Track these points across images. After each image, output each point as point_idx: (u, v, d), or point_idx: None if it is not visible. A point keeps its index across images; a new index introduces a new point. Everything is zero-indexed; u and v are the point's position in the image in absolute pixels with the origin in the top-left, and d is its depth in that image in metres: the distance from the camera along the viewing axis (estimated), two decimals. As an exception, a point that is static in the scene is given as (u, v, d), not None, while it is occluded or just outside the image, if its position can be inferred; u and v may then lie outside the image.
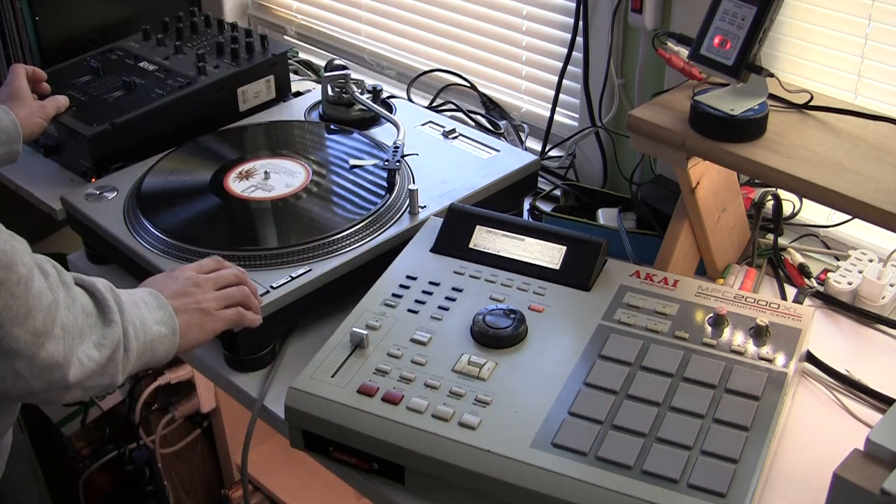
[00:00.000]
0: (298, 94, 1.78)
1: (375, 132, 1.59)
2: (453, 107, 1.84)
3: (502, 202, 1.45)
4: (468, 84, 1.86)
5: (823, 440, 1.14)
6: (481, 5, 1.80)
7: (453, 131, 1.57)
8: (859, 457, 0.93)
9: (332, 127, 1.60)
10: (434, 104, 1.87)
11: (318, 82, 1.91)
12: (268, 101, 1.75)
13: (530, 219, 1.54)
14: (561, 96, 1.68)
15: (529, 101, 1.80)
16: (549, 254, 1.25)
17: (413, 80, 1.91)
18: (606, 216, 1.51)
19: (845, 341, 1.30)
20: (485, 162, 1.49)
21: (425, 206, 1.37)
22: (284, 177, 1.45)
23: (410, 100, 1.84)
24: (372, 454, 1.07)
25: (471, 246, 1.28)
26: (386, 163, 1.44)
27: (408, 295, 1.21)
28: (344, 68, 1.69)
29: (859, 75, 1.36)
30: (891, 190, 1.11)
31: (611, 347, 1.13)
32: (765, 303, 1.19)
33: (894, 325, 1.31)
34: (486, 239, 1.28)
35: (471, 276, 1.24)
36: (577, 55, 1.63)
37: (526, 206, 1.56)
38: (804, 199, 1.45)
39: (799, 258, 1.42)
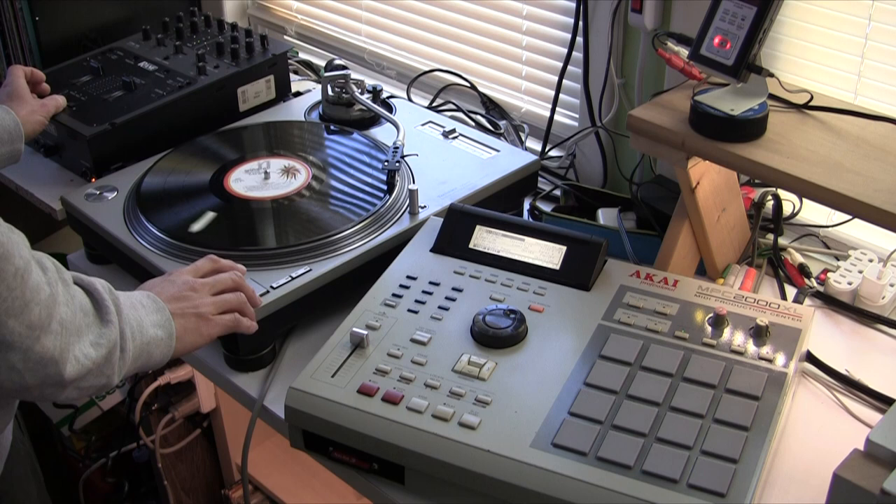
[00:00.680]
0: (298, 94, 1.78)
1: (375, 132, 1.59)
2: (453, 107, 1.84)
3: (502, 202, 1.45)
4: (468, 84, 1.86)
5: (823, 440, 1.14)
6: (481, 5, 1.80)
7: (453, 131, 1.57)
8: (859, 457, 0.93)
9: (332, 127, 1.60)
10: (434, 104, 1.86)
11: (318, 82, 1.91)
12: (268, 101, 1.75)
13: (530, 219, 1.54)
14: (561, 96, 1.68)
15: (529, 101, 1.80)
16: (549, 254, 1.25)
17: (413, 80, 1.91)
18: (606, 216, 1.51)
19: (845, 341, 1.30)
20: (485, 162, 1.49)
21: (425, 206, 1.37)
22: (284, 177, 1.45)
23: (410, 100, 1.84)
24: (372, 454, 1.07)
25: (471, 246, 1.28)
26: (386, 163, 1.44)
27: (408, 295, 1.21)
28: (344, 68, 1.69)
29: (859, 75, 1.36)
30: (891, 190, 1.11)
31: (611, 347, 1.13)
32: (765, 303, 1.19)
33: (894, 325, 1.31)
34: (486, 239, 1.28)
35: (471, 276, 1.24)
36: (577, 55, 1.63)
37: (526, 206, 1.56)
38: (804, 199, 1.45)
39: (799, 258, 1.42)
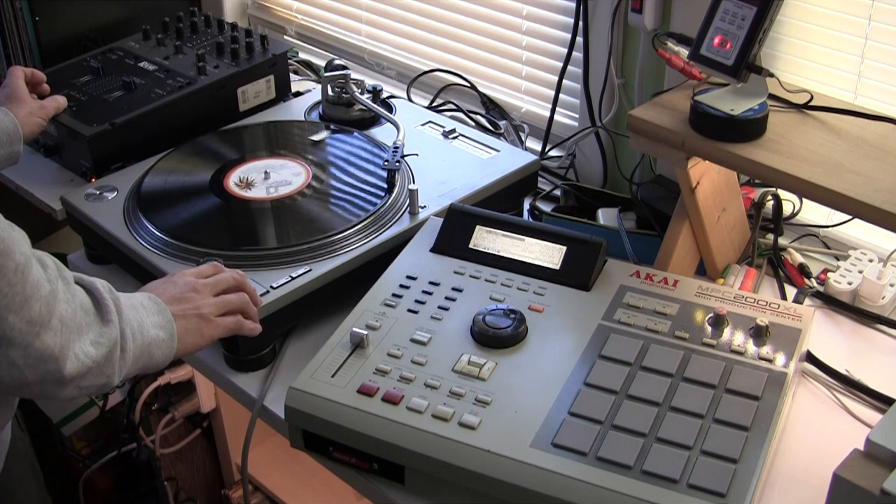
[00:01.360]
0: (298, 94, 1.78)
1: (375, 132, 1.59)
2: (453, 107, 1.84)
3: (502, 202, 1.45)
4: (468, 84, 1.86)
5: (823, 440, 1.14)
6: (481, 5, 1.80)
7: (453, 131, 1.57)
8: (859, 457, 0.93)
9: (332, 127, 1.60)
10: (434, 104, 1.86)
11: (318, 82, 1.91)
12: (268, 101, 1.75)
13: (530, 219, 1.54)
14: (561, 96, 1.68)
15: (529, 101, 1.80)
16: (549, 254, 1.25)
17: (413, 80, 1.90)
18: (606, 216, 1.51)
19: (845, 341, 1.30)
20: (485, 162, 1.49)
21: (425, 206, 1.37)
22: (284, 177, 1.45)
23: (410, 100, 1.84)
24: (372, 454, 1.07)
25: (471, 246, 1.28)
26: (386, 163, 1.44)
27: (408, 295, 1.21)
28: (344, 68, 1.69)
29: (859, 75, 1.36)
30: (891, 190, 1.11)
31: (611, 347, 1.13)
32: (765, 303, 1.19)
33: (894, 325, 1.31)
34: (486, 239, 1.28)
35: (471, 276, 1.24)
36: (577, 55, 1.63)
37: (526, 206, 1.56)
38: (804, 199, 1.45)
39: (799, 258, 1.42)
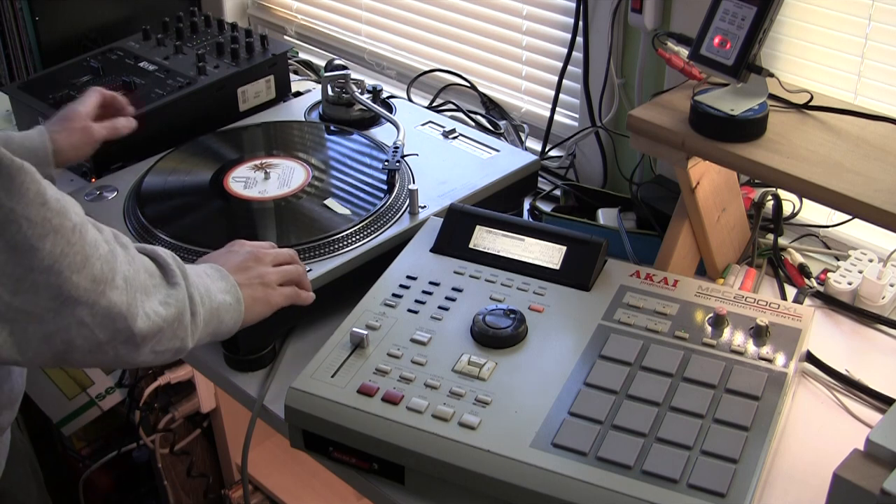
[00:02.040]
0: (298, 94, 1.78)
1: (375, 132, 1.59)
2: (453, 107, 1.84)
3: (502, 202, 1.45)
4: (468, 84, 1.86)
5: (823, 440, 1.14)
6: (481, 5, 1.80)
7: (453, 131, 1.56)
8: (859, 457, 0.93)
9: (332, 127, 1.60)
10: (434, 104, 1.86)
11: (318, 82, 1.91)
12: (268, 101, 1.75)
13: (530, 219, 1.54)
14: (561, 96, 1.68)
15: (529, 101, 1.80)
16: (549, 254, 1.25)
17: (413, 80, 1.91)
18: (606, 216, 1.51)
19: (845, 341, 1.30)
20: (485, 162, 1.49)
21: (425, 206, 1.37)
22: (284, 177, 1.45)
23: (410, 100, 1.84)
24: (372, 454, 1.07)
25: (471, 246, 1.28)
26: (386, 163, 1.44)
27: (408, 295, 1.21)
28: (344, 68, 1.69)
29: (859, 75, 1.36)
30: (891, 190, 1.11)
31: (611, 347, 1.13)
32: (765, 303, 1.19)
33: (894, 325, 1.31)
34: (486, 239, 1.28)
35: (471, 276, 1.24)
36: (577, 55, 1.63)
37: (526, 206, 1.56)
38: (804, 199, 1.45)
39: (799, 258, 1.42)
